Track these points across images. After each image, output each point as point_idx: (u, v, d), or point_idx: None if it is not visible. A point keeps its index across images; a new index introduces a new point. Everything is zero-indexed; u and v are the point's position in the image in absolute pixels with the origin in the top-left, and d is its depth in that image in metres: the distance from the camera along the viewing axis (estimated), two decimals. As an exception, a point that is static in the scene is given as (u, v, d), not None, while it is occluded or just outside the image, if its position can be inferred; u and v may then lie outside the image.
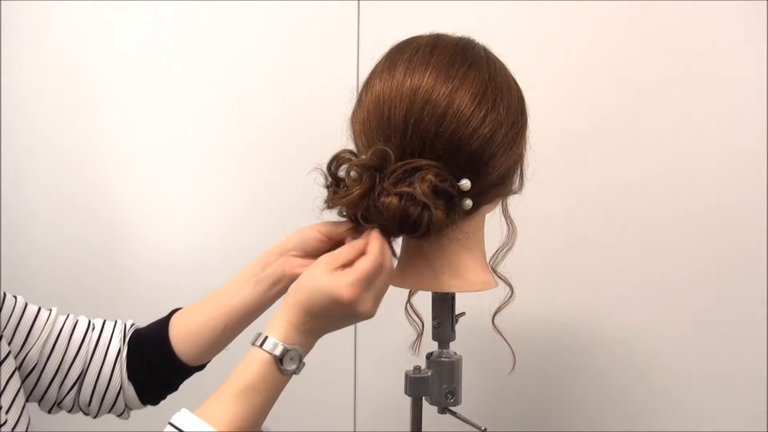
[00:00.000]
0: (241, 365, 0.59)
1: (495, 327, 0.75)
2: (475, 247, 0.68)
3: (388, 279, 0.62)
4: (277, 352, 0.59)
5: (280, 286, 0.72)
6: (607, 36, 1.05)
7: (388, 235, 0.64)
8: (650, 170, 1.05)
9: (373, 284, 0.61)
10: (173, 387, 0.77)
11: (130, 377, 0.74)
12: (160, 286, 1.20)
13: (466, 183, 0.61)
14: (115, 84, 1.19)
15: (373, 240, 0.61)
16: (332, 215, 0.66)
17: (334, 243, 0.69)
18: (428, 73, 0.61)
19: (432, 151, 0.61)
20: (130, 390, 0.75)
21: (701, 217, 1.04)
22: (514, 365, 0.79)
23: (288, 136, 1.15)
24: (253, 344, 0.60)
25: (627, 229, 1.06)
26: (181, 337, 0.74)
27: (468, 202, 0.63)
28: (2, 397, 0.64)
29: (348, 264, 0.60)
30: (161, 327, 0.75)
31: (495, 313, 0.75)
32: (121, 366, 0.74)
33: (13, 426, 0.64)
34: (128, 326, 0.78)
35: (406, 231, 0.61)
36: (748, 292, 1.03)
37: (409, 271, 0.68)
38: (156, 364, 0.74)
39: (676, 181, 1.04)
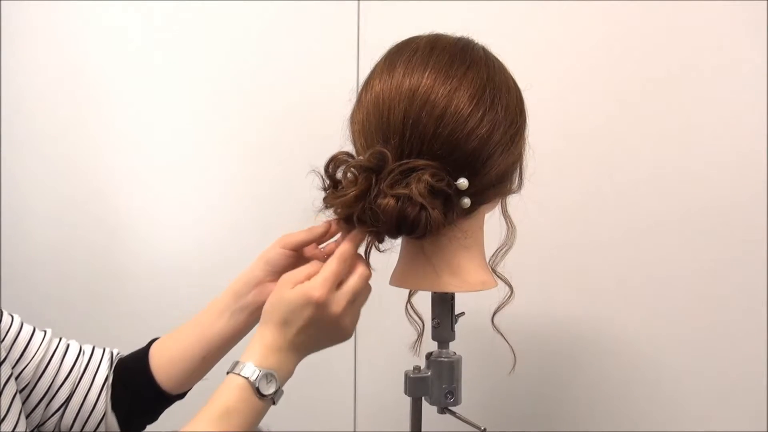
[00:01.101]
0: (219, 390, 0.59)
1: (495, 327, 0.75)
2: (475, 247, 0.68)
3: (361, 283, 0.63)
4: (253, 377, 0.58)
5: (258, 314, 0.72)
6: (607, 36, 1.05)
7: (383, 236, 0.64)
8: (651, 170, 1.05)
9: (345, 288, 0.61)
10: (154, 417, 0.77)
11: (113, 406, 0.74)
12: (159, 286, 1.20)
13: (463, 182, 0.61)
14: (115, 84, 1.19)
15: (342, 245, 0.63)
16: (331, 215, 0.66)
17: (299, 255, 0.70)
18: (427, 73, 0.61)
19: (430, 152, 0.60)
20: (112, 418, 0.74)
21: (702, 217, 1.04)
22: (514, 365, 0.79)
23: (288, 136, 1.15)
24: (229, 372, 0.60)
25: (627, 229, 1.06)
26: (162, 366, 0.74)
27: (466, 201, 0.62)
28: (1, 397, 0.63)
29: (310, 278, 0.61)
30: (142, 356, 0.75)
31: (494, 313, 0.75)
32: (106, 394, 0.74)
33: (12, 428, 0.64)
34: (115, 354, 0.78)
35: (404, 232, 0.61)
36: (748, 292, 1.03)
37: (408, 271, 0.68)
38: (138, 392, 0.74)
39: (676, 182, 1.04)
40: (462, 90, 0.61)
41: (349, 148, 0.67)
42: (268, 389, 0.59)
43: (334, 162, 0.63)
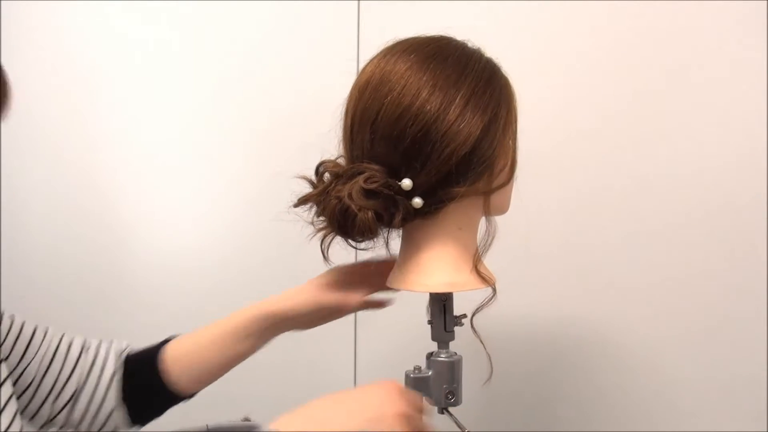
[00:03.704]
0: None
1: (473, 329, 0.71)
2: (449, 248, 0.67)
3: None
4: None
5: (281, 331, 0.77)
6: (607, 36, 1.05)
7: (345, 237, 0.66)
8: (651, 171, 1.05)
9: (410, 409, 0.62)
10: (160, 412, 0.78)
11: (124, 399, 0.75)
12: (160, 285, 1.20)
13: (407, 182, 0.62)
14: (115, 84, 1.19)
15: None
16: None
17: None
18: (371, 80, 0.64)
19: (373, 154, 0.63)
20: (121, 411, 0.75)
21: (701, 218, 1.04)
22: (490, 376, 0.75)
23: (288, 137, 1.15)
24: None
25: (626, 230, 1.06)
26: (176, 367, 0.75)
27: (417, 201, 0.63)
28: None
29: None
30: (153, 354, 0.76)
31: (473, 315, 0.71)
32: (115, 387, 0.75)
33: (6, 428, 0.63)
34: (123, 347, 0.79)
35: (345, 233, 0.64)
36: (748, 293, 1.03)
37: (394, 269, 0.71)
38: (146, 388, 0.75)
39: (675, 182, 1.04)
40: (395, 93, 0.61)
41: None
42: None
43: (320, 166, 0.67)
